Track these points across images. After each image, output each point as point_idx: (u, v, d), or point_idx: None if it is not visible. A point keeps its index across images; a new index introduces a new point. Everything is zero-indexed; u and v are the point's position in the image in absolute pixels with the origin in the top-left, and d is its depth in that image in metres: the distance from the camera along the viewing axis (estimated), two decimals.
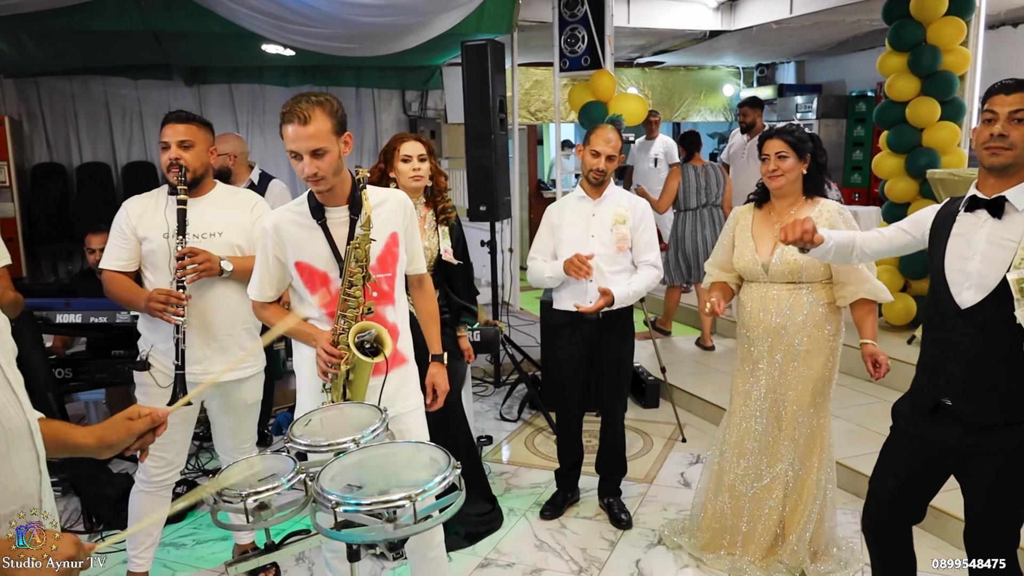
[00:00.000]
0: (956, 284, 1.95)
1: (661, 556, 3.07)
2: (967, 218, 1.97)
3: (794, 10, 7.03)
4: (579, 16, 5.49)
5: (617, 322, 3.19)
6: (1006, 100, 1.87)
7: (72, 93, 7.42)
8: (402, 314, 2.31)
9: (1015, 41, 7.61)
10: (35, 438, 1.30)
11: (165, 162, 2.55)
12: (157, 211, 2.60)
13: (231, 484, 1.50)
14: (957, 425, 1.97)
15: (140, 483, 2.70)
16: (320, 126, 1.98)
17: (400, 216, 2.25)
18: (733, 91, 10.88)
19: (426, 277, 2.46)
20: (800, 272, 2.68)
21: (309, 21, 4.68)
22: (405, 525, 1.41)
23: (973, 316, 1.91)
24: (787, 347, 2.74)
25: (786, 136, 2.68)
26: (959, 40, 4.96)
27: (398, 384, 2.27)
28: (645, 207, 3.22)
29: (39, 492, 1.29)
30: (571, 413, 3.38)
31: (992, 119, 1.88)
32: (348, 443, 1.65)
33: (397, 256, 2.24)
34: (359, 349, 2.01)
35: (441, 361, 2.48)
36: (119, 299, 2.61)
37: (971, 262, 1.92)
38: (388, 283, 2.22)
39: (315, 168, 2.01)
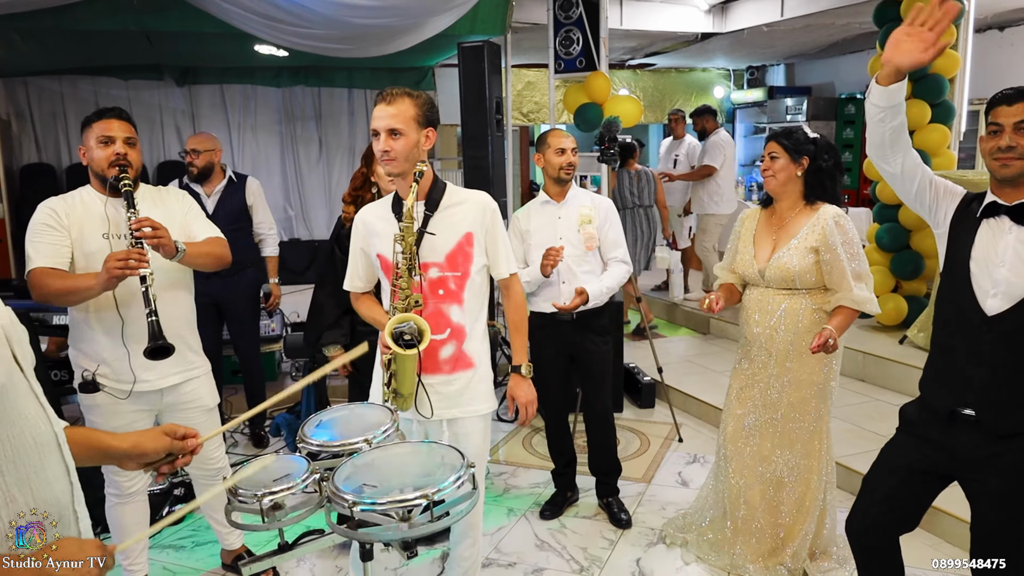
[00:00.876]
0: (982, 290, 1.93)
1: (661, 555, 3.09)
2: (990, 223, 1.95)
3: (785, 13, 7.08)
4: (574, 18, 5.50)
5: (593, 320, 3.27)
6: (1009, 111, 1.87)
7: (61, 93, 7.36)
8: (474, 316, 2.28)
9: (1002, 44, 7.71)
10: (63, 449, 1.28)
11: (107, 157, 2.42)
12: (91, 211, 2.46)
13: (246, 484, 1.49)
14: (976, 433, 1.95)
15: (113, 496, 2.67)
16: (403, 109, 2.10)
17: (479, 216, 2.24)
18: (724, 93, 10.94)
19: (512, 282, 2.39)
20: (794, 279, 2.70)
21: (303, 22, 4.67)
22: (420, 524, 1.41)
23: (1000, 324, 1.90)
24: (782, 351, 2.76)
25: (781, 139, 2.71)
26: (949, 44, 5.02)
27: (461, 387, 2.26)
28: (608, 206, 3.30)
29: (72, 503, 1.28)
30: (555, 412, 3.43)
31: (998, 131, 1.89)
32: (360, 443, 1.65)
33: (470, 256, 2.23)
34: (396, 340, 2.00)
35: (519, 372, 2.39)
36: (60, 293, 2.32)
37: (999, 270, 1.90)
38: (456, 282, 2.22)
39: (389, 146, 2.09)
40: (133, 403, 2.52)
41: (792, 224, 2.73)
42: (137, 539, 1.32)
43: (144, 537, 2.61)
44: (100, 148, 2.44)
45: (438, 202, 2.22)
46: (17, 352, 1.24)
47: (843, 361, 4.78)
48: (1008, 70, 7.58)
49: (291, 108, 8.18)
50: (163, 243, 2.34)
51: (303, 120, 8.26)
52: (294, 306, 6.16)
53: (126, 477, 2.63)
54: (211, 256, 2.57)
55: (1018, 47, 7.63)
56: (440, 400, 2.21)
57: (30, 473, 1.20)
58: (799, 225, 2.71)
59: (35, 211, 2.45)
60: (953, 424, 1.99)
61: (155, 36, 5.79)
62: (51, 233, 2.40)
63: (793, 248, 2.68)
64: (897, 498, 2.13)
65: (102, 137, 2.45)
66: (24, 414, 1.21)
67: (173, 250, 2.38)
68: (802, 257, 2.66)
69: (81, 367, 2.53)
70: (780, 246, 2.72)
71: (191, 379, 2.63)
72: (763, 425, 2.85)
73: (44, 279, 2.33)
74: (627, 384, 4.90)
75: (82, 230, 2.43)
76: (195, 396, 2.65)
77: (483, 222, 2.26)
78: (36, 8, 4.51)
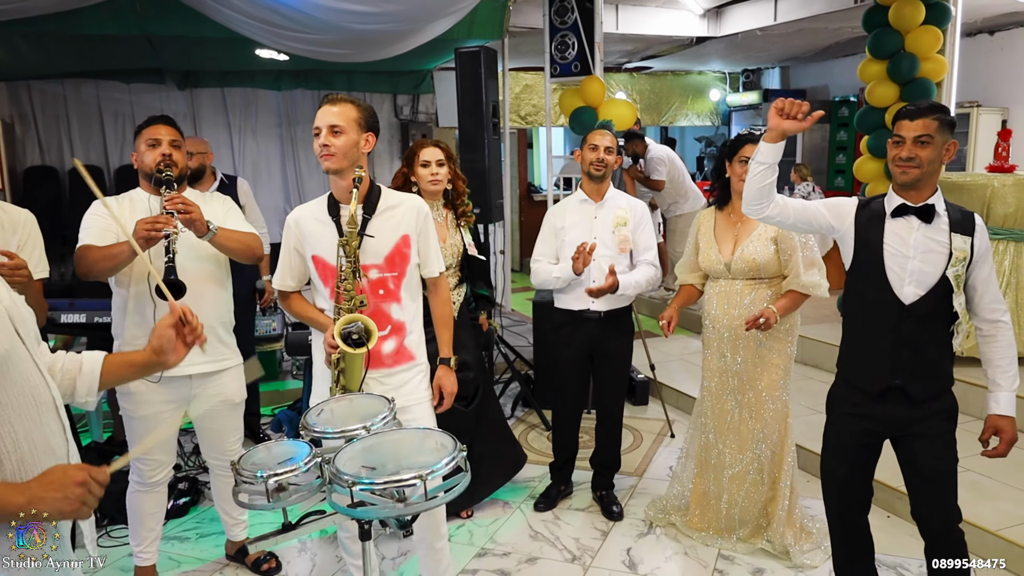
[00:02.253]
0: (897, 281, 2.18)
1: (651, 544, 3.18)
2: (898, 223, 2.21)
3: (778, 17, 7.20)
4: (569, 23, 5.62)
5: (618, 320, 3.30)
6: (911, 125, 2.13)
7: (65, 96, 7.45)
8: (412, 313, 2.39)
9: (991, 48, 7.82)
10: (59, 411, 1.47)
11: (155, 158, 2.58)
12: (137, 208, 2.62)
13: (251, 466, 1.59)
14: (904, 401, 2.23)
15: (135, 484, 2.79)
16: (345, 110, 2.22)
17: (413, 219, 2.35)
18: (720, 96, 11.05)
19: (440, 281, 2.51)
20: (759, 269, 2.90)
21: (302, 27, 4.77)
22: (415, 503, 1.51)
23: (916, 309, 2.18)
24: (750, 338, 2.93)
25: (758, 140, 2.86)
26: (936, 48, 5.12)
27: (404, 379, 2.39)
28: (644, 209, 3.34)
29: (67, 455, 1.47)
30: (569, 409, 3.47)
31: (900, 142, 2.16)
32: (359, 430, 1.75)
33: (407, 257, 2.35)
34: (345, 340, 2.13)
35: (448, 364, 2.52)
36: (97, 260, 2.47)
37: (911, 262, 2.17)
38: (395, 282, 2.33)
39: (329, 142, 2.20)
40: (163, 391, 2.63)
41: (751, 220, 2.87)
42: (127, 458, 1.42)
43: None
44: (148, 150, 2.61)
45: (375, 205, 2.32)
46: (20, 328, 1.42)
47: (816, 353, 4.91)
48: (997, 73, 7.69)
49: (291, 111, 8.27)
50: (193, 217, 2.46)
51: (303, 123, 8.35)
52: None
53: (151, 467, 2.74)
54: (243, 244, 2.68)
55: (1008, 51, 7.74)
56: (384, 391, 2.30)
57: (31, 427, 1.38)
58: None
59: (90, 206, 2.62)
60: (885, 397, 2.25)
61: (157, 40, 5.88)
62: (100, 220, 2.57)
63: (755, 239, 2.89)
64: (857, 472, 2.39)
65: (150, 140, 2.62)
66: (27, 378, 1.39)
67: (204, 228, 2.50)
68: (764, 247, 2.87)
69: None
70: (742, 239, 2.92)
71: (221, 370, 2.75)
72: (740, 411, 3.01)
73: (86, 252, 2.51)
74: None
75: (128, 224, 2.57)
76: (222, 388, 2.76)
77: (417, 224, 2.37)
78: (39, 13, 4.60)
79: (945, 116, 2.14)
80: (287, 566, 3.06)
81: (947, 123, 2.14)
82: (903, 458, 2.31)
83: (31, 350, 1.44)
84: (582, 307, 3.25)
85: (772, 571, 2.94)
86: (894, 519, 3.31)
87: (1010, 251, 4.46)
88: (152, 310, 2.58)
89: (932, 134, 2.11)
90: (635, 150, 6.83)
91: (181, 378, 2.66)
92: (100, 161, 7.69)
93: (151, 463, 2.75)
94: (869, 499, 2.45)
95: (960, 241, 2.15)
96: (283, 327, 5.28)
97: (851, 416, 2.34)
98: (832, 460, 2.43)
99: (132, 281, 2.60)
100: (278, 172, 8.42)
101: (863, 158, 5.39)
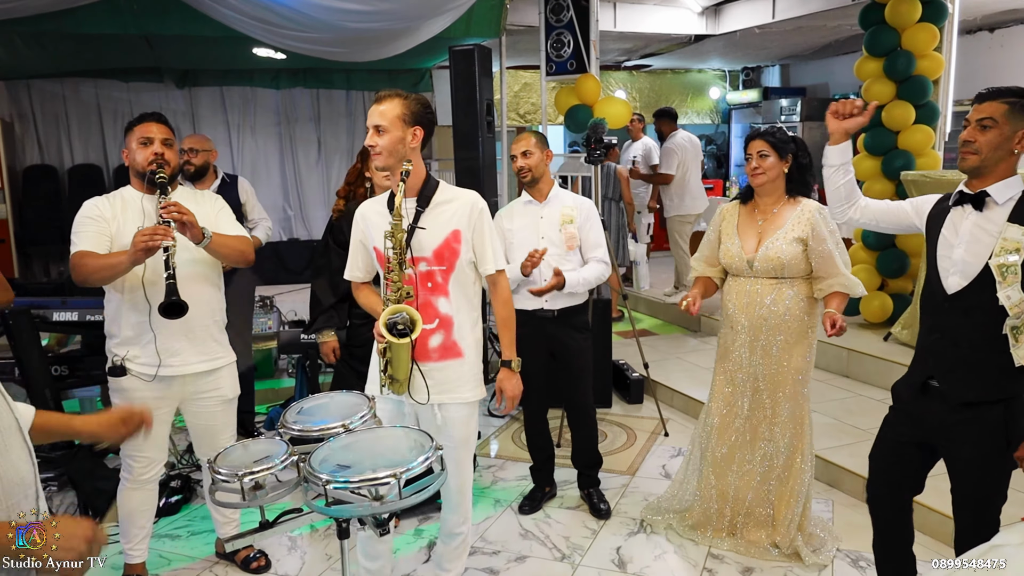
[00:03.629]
0: (944, 271, 2.09)
1: (641, 543, 3.18)
2: (956, 212, 2.11)
3: (776, 15, 7.18)
4: (565, 21, 5.61)
5: (572, 317, 3.35)
6: (977, 108, 2.02)
7: (64, 95, 7.49)
8: (460, 307, 2.38)
9: (991, 46, 7.80)
10: (24, 434, 1.44)
11: (147, 157, 2.59)
12: (129, 207, 2.63)
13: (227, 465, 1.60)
14: (941, 403, 2.10)
15: (125, 481, 2.79)
16: (390, 108, 2.24)
17: (467, 214, 2.35)
18: (719, 94, 11.03)
19: (497, 279, 2.47)
20: (783, 268, 2.83)
21: (299, 26, 4.78)
22: (391, 502, 1.51)
23: (959, 301, 2.06)
24: (769, 338, 2.88)
25: (767, 137, 2.84)
26: (933, 45, 5.11)
27: (449, 375, 2.38)
28: (590, 207, 3.38)
29: (35, 481, 1.44)
30: (534, 408, 3.51)
31: (966, 125, 2.04)
32: (338, 428, 1.75)
33: (456, 252, 2.34)
34: (390, 330, 2.15)
35: (509, 367, 2.49)
36: (95, 270, 2.48)
37: (956, 250, 2.06)
38: (443, 276, 2.34)
39: (373, 141, 2.24)
40: (157, 388, 2.65)
41: (777, 217, 2.86)
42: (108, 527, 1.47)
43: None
44: (140, 149, 2.61)
45: (429, 199, 2.34)
46: None
47: (828, 357, 4.90)
48: (997, 71, 7.66)
49: (290, 110, 8.29)
50: (189, 224, 2.48)
51: (302, 121, 8.37)
52: (292, 305, 6.28)
53: (141, 464, 2.74)
54: (236, 250, 2.71)
55: (1008, 48, 7.71)
56: (432, 385, 2.32)
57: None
58: (784, 218, 2.85)
59: (81, 207, 2.63)
60: (924, 395, 2.14)
61: (155, 39, 5.90)
62: (93, 224, 2.57)
63: (781, 238, 2.82)
64: (894, 468, 2.30)
65: (142, 139, 2.61)
66: None
67: (199, 234, 2.53)
68: (790, 246, 2.81)
69: (113, 352, 2.68)
70: (766, 237, 2.85)
71: (215, 369, 2.77)
72: (753, 412, 2.98)
73: (83, 259, 2.50)
74: (616, 380, 5.00)
75: (120, 224, 2.60)
76: (216, 386, 2.78)
77: (470, 219, 2.36)
78: (36, 12, 4.62)
79: (1021, 101, 1.98)
80: (276, 564, 3.06)
81: (1021, 108, 1.97)
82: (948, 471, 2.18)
83: None
84: (536, 306, 3.31)
85: (761, 570, 2.93)
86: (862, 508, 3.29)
87: None
88: (148, 311, 2.58)
89: (997, 118, 1.98)
90: (662, 129, 6.83)
91: (175, 378, 2.68)
92: (99, 160, 7.72)
93: (142, 460, 2.75)
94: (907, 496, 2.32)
95: (1016, 232, 1.97)
96: (279, 325, 5.29)
97: (897, 411, 2.27)
98: (874, 451, 2.36)
99: (127, 288, 2.60)
100: (277, 170, 8.44)
101: (859, 156, 5.38)
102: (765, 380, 2.93)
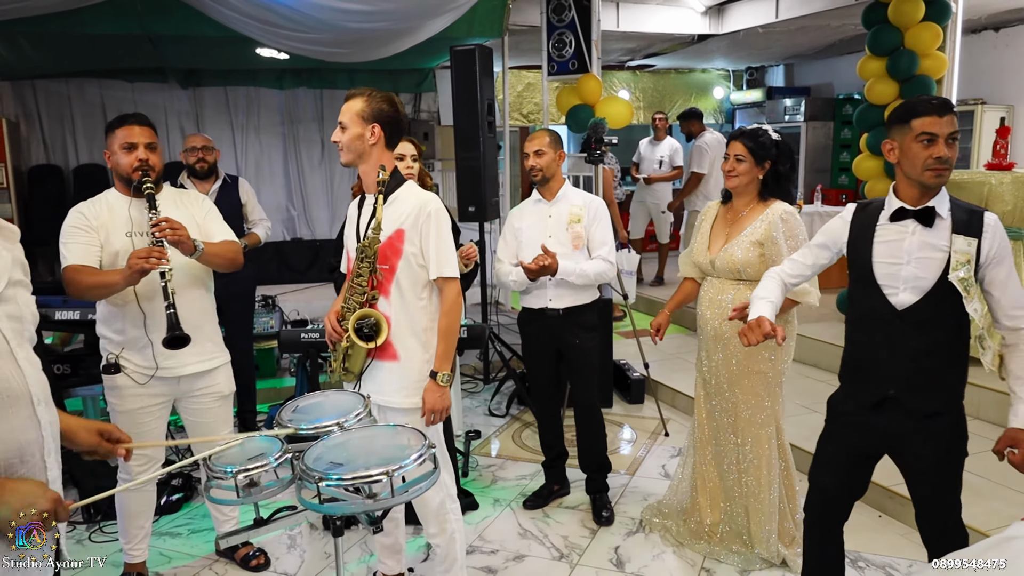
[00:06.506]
0: (890, 288, 2.08)
1: (639, 543, 3.18)
2: (893, 227, 2.09)
3: (780, 15, 7.16)
4: (566, 21, 5.62)
5: (579, 316, 3.34)
6: (942, 122, 1.97)
7: (68, 95, 7.52)
8: (399, 310, 2.35)
9: (996, 45, 7.75)
10: (35, 405, 1.40)
11: (131, 162, 2.57)
12: (115, 212, 2.61)
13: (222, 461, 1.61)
14: (900, 413, 2.10)
15: (124, 482, 2.77)
16: (351, 105, 2.31)
17: (414, 215, 2.33)
18: (723, 93, 11.01)
19: (445, 285, 2.36)
20: (739, 271, 2.83)
21: (300, 27, 4.78)
22: (383, 499, 1.52)
23: (911, 316, 2.05)
24: (732, 339, 2.83)
25: (747, 140, 2.81)
26: (936, 45, 5.09)
27: (381, 376, 2.38)
28: (599, 205, 3.36)
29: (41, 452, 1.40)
30: (544, 403, 3.54)
31: (932, 139, 1.97)
32: (332, 426, 1.76)
33: (399, 252, 2.33)
34: (357, 332, 2.22)
35: (435, 379, 2.34)
36: (90, 287, 2.50)
37: (905, 267, 2.05)
38: (385, 275, 2.35)
39: (336, 137, 2.33)
40: (152, 388, 2.67)
41: (745, 219, 2.86)
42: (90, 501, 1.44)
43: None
44: (124, 153, 2.60)
45: (387, 197, 2.35)
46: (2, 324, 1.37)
47: (817, 353, 4.87)
48: (1002, 70, 7.63)
49: (293, 110, 8.31)
50: (182, 240, 2.50)
51: (305, 122, 8.39)
52: (294, 304, 6.30)
53: (138, 463, 2.74)
54: (225, 258, 2.73)
55: (1013, 48, 7.67)
56: (368, 384, 2.38)
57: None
58: (750, 220, 2.84)
59: (67, 216, 2.62)
60: (882, 408, 2.13)
61: (159, 40, 5.92)
62: (81, 235, 2.57)
63: (742, 240, 2.81)
64: (844, 487, 2.29)
65: (125, 143, 2.59)
66: None
67: (191, 248, 2.55)
68: (747, 250, 2.79)
69: (107, 350, 2.69)
70: (732, 239, 2.85)
71: (210, 369, 2.78)
72: (720, 414, 2.97)
73: (76, 276, 2.51)
74: (617, 380, 5.00)
75: (108, 231, 2.60)
76: (211, 383, 2.80)
77: (416, 221, 2.33)
78: (40, 13, 4.64)
79: None
80: (276, 562, 3.07)
81: None
82: (904, 476, 2.20)
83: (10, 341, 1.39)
84: (541, 305, 3.33)
85: (760, 572, 2.93)
86: (885, 518, 3.30)
87: None
88: (142, 321, 2.61)
89: (957, 132, 1.99)
90: (691, 129, 6.86)
91: (170, 379, 2.69)
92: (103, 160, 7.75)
93: (139, 458, 2.74)
94: (849, 510, 2.35)
95: (963, 243, 2.00)
96: (281, 325, 5.31)
97: (847, 426, 2.23)
98: (821, 469, 2.32)
99: (119, 299, 2.60)
100: (280, 170, 8.46)
101: (862, 156, 5.36)
102: (728, 382, 2.91)
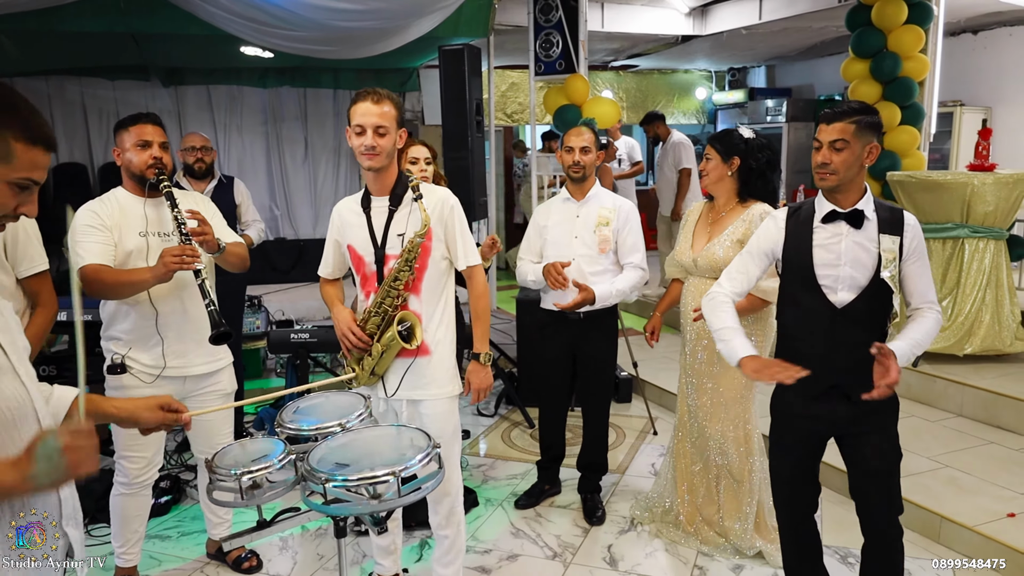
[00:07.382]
0: (829, 288, 2.19)
1: (632, 541, 3.20)
2: (827, 229, 2.20)
3: (763, 16, 7.24)
4: (553, 21, 5.63)
5: (600, 321, 3.27)
6: (827, 130, 2.12)
7: (48, 94, 7.40)
8: (432, 307, 2.39)
9: (975, 47, 7.89)
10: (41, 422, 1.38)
11: (146, 160, 2.55)
12: (127, 212, 2.59)
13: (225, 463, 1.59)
14: (845, 401, 2.22)
15: (120, 486, 2.75)
16: (388, 110, 2.25)
17: (437, 211, 2.36)
18: (706, 94, 11.09)
19: (474, 272, 2.46)
20: (720, 269, 2.81)
21: (287, 24, 4.75)
22: (389, 500, 1.52)
23: (850, 313, 2.17)
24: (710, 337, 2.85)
25: (714, 141, 2.92)
26: (918, 47, 5.17)
27: (419, 371, 2.39)
28: (630, 208, 3.25)
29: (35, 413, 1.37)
30: (553, 408, 3.50)
31: (818, 147, 2.15)
32: (335, 427, 1.76)
33: (427, 249, 2.35)
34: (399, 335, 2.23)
35: (478, 360, 2.49)
36: (114, 285, 2.46)
37: (843, 268, 2.17)
38: (417, 273, 2.36)
39: (376, 142, 2.23)
40: (158, 387, 2.63)
41: (726, 219, 2.91)
42: None
43: None
44: (137, 152, 2.57)
45: (400, 197, 2.36)
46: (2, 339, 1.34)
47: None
48: (981, 73, 7.76)
49: (277, 109, 8.25)
50: (208, 239, 2.50)
51: (289, 121, 8.33)
52: (279, 304, 6.25)
53: (139, 465, 2.72)
54: (240, 257, 2.74)
55: (991, 50, 7.80)
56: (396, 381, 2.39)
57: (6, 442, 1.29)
58: (731, 220, 2.90)
59: (76, 214, 2.53)
60: (828, 397, 2.23)
61: (141, 37, 5.86)
62: (96, 233, 2.52)
63: (723, 239, 2.87)
64: (799, 471, 2.41)
65: (139, 141, 2.57)
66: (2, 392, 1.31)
67: (215, 247, 2.55)
68: (727, 249, 2.83)
69: (112, 351, 2.65)
70: (714, 238, 2.91)
71: (216, 370, 2.77)
72: (701, 410, 3.01)
73: (98, 275, 2.45)
74: None
75: (121, 230, 2.57)
76: (216, 381, 2.79)
77: (441, 216, 2.37)
78: (20, 9, 4.57)
79: (865, 118, 2.12)
80: (268, 564, 3.05)
81: (867, 125, 2.11)
82: (847, 456, 2.32)
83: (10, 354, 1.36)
84: None
85: (751, 568, 2.96)
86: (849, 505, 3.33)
87: (990, 249, 4.50)
88: (154, 317, 2.59)
89: (848, 138, 2.09)
90: (656, 132, 6.70)
91: (176, 379, 2.67)
92: (84, 159, 7.65)
93: (139, 461, 2.72)
94: (815, 498, 2.45)
95: (888, 242, 2.14)
96: (267, 325, 5.27)
97: (795, 417, 2.34)
98: (777, 460, 2.44)
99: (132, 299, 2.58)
100: (263, 169, 8.39)
101: None
102: (709, 379, 2.97)
